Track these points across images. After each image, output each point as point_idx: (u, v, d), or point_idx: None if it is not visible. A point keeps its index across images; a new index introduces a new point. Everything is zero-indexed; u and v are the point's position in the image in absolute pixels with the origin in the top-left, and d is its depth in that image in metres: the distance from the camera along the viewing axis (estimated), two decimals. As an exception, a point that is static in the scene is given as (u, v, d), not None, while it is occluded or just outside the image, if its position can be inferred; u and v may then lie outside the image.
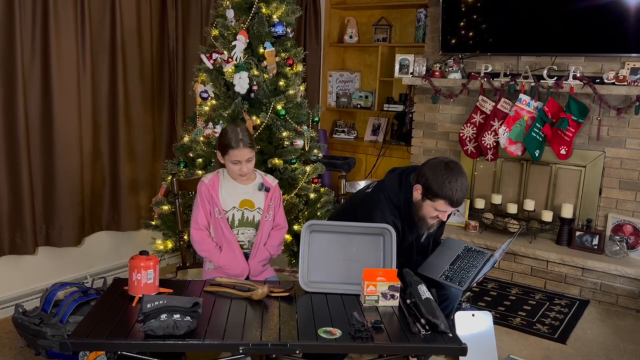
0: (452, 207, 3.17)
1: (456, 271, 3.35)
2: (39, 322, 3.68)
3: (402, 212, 3.33)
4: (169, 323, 2.39)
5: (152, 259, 2.80)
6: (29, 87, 4.30)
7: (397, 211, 3.32)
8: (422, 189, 3.19)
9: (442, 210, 3.19)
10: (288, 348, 2.44)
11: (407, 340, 2.50)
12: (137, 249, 3.11)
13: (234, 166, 3.32)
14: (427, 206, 3.20)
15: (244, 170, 3.33)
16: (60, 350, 2.44)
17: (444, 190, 3.11)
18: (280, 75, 4.54)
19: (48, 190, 4.52)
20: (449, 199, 3.13)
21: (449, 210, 3.20)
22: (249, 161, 3.34)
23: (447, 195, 3.11)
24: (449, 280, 3.28)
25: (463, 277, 3.30)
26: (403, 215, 3.33)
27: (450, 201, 3.13)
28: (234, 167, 3.32)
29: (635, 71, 5.00)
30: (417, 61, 6.18)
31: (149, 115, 5.22)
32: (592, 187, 5.44)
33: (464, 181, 3.16)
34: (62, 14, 4.40)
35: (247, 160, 3.32)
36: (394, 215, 3.30)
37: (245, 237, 3.44)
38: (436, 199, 3.15)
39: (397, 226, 3.26)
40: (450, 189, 3.10)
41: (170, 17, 5.26)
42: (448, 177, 3.12)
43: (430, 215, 3.23)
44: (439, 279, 3.28)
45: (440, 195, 3.12)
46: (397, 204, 3.33)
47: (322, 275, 2.98)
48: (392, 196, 3.35)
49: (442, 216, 3.25)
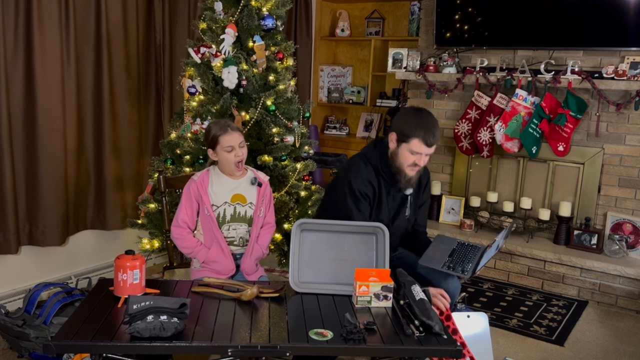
0: (426, 145, 3.23)
1: (456, 262, 3.35)
2: (21, 324, 3.66)
3: (380, 170, 3.40)
4: (155, 324, 2.37)
5: (139, 258, 2.78)
6: (11, 82, 4.28)
7: (374, 170, 3.39)
8: (396, 135, 3.30)
9: (418, 152, 3.25)
10: (278, 350, 2.41)
11: (401, 342, 2.48)
12: (122, 248, 3.08)
13: (228, 154, 3.31)
14: (403, 151, 3.28)
15: (240, 155, 3.33)
16: (43, 352, 2.49)
17: (417, 129, 3.22)
18: (270, 69, 4.53)
19: (31, 188, 4.50)
20: (422, 137, 3.21)
21: (424, 150, 3.25)
22: (242, 146, 3.35)
23: (420, 132, 3.21)
24: (451, 269, 3.28)
25: (465, 267, 3.30)
26: (381, 173, 3.40)
27: (424, 138, 3.21)
28: (229, 155, 3.31)
29: (634, 65, 4.98)
30: (410, 55, 6.19)
31: (135, 110, 5.21)
32: (590, 185, 5.41)
33: (434, 121, 3.29)
34: (45, 6, 4.37)
35: (239, 145, 3.33)
36: (369, 175, 3.38)
37: (236, 233, 3.41)
38: (410, 139, 3.23)
39: (374, 185, 3.37)
40: (421, 127, 3.22)
41: (157, 9, 5.25)
42: (419, 118, 3.27)
43: (408, 162, 3.29)
44: (442, 269, 3.28)
45: (413, 134, 3.22)
46: (374, 163, 3.41)
47: (313, 275, 2.96)
48: (368, 157, 3.44)
49: (419, 160, 3.28)
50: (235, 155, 3.31)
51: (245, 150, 3.37)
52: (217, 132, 3.31)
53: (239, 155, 3.32)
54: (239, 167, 3.36)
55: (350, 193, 3.33)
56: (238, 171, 3.37)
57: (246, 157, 3.40)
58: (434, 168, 6.22)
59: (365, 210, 3.34)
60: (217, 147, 3.32)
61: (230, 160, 3.32)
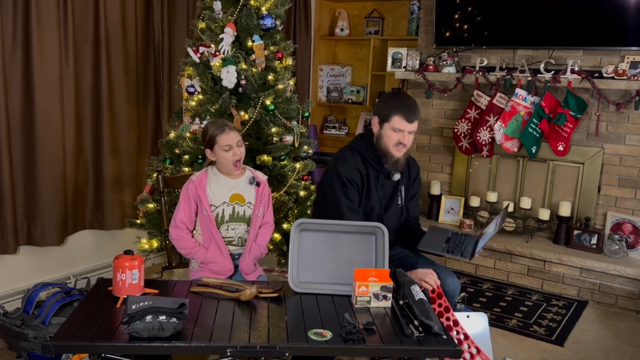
0: (407, 121, 3.31)
1: (454, 246, 3.40)
2: (20, 324, 3.66)
3: (367, 157, 3.46)
4: (154, 325, 2.36)
5: (137, 258, 2.77)
6: (9, 81, 4.26)
7: (362, 158, 3.46)
8: (378, 117, 3.40)
9: (400, 129, 3.32)
10: (277, 350, 2.40)
11: (400, 342, 2.47)
12: (121, 248, 3.09)
13: (227, 154, 3.31)
14: (387, 131, 3.35)
15: (238, 154, 3.33)
16: (42, 352, 2.40)
17: (396, 107, 3.33)
18: (269, 69, 4.51)
19: (29, 187, 4.48)
20: (403, 112, 3.30)
21: (406, 127, 3.32)
22: (240, 145, 3.35)
23: (399, 110, 3.31)
24: (450, 253, 3.33)
25: (464, 250, 3.35)
26: (368, 160, 3.46)
27: (405, 114, 3.30)
28: (228, 154, 3.31)
29: (634, 65, 4.97)
30: (410, 55, 6.18)
31: (134, 110, 5.20)
32: (590, 185, 5.40)
33: (412, 100, 3.43)
34: (44, 5, 4.36)
35: (237, 144, 3.33)
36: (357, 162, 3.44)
37: (235, 233, 3.40)
38: (391, 117, 3.32)
39: (361, 172, 3.42)
40: (401, 105, 3.34)
41: (156, 8, 5.24)
42: (397, 97, 3.45)
43: (392, 141, 3.35)
44: (442, 253, 3.33)
45: (393, 112, 3.31)
46: (360, 152, 3.47)
47: (312, 275, 2.95)
48: (355, 147, 3.52)
49: (403, 139, 3.34)
50: (234, 154, 3.30)
51: (243, 149, 3.36)
52: (214, 131, 3.31)
53: (237, 154, 3.31)
54: (237, 166, 3.35)
55: (337, 181, 3.38)
56: (236, 170, 3.36)
57: (244, 156, 3.39)
58: (433, 168, 6.22)
59: (353, 197, 3.37)
60: (215, 147, 3.31)
61: (228, 160, 3.31)
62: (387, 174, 3.48)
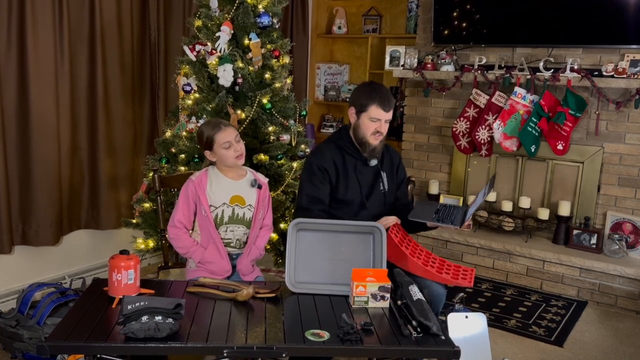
0: (383, 110, 3.38)
1: (444, 216, 3.44)
2: (15, 324, 3.66)
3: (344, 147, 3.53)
4: (150, 325, 2.34)
5: (133, 258, 2.76)
6: (4, 79, 4.27)
7: (337, 148, 3.54)
8: (354, 108, 3.48)
9: (377, 118, 3.39)
10: (274, 351, 2.39)
11: (398, 342, 2.46)
12: (117, 248, 3.05)
13: (227, 151, 3.29)
14: (364, 120, 3.43)
15: (239, 149, 3.31)
16: (37, 353, 2.40)
17: (372, 97, 3.39)
18: (266, 67, 4.52)
19: (24, 186, 4.48)
20: (378, 100, 3.37)
21: (382, 115, 3.39)
22: (238, 140, 3.34)
23: (375, 99, 3.37)
24: (440, 222, 3.39)
25: (454, 219, 3.40)
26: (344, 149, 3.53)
27: (380, 102, 3.37)
28: (228, 151, 3.29)
29: (634, 63, 4.96)
30: (408, 53, 6.15)
31: (130, 108, 5.19)
32: (590, 184, 5.39)
33: (387, 89, 3.49)
34: (39, 3, 4.36)
35: (235, 139, 3.32)
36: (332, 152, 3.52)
37: (234, 234, 3.38)
38: (368, 107, 3.39)
39: (336, 161, 3.49)
40: (376, 94, 3.39)
41: (152, 6, 5.24)
42: (371, 87, 3.47)
43: (370, 130, 3.42)
44: (432, 221, 3.40)
45: (369, 102, 3.38)
46: (337, 142, 3.56)
47: (309, 275, 2.94)
48: (332, 138, 3.63)
49: (380, 127, 3.42)
50: (235, 151, 3.28)
51: (242, 144, 3.35)
52: (210, 132, 3.29)
53: (238, 150, 3.29)
54: (240, 160, 3.33)
55: (306, 171, 3.47)
56: (240, 162, 3.34)
57: (244, 150, 3.37)
58: (431, 167, 6.20)
59: (319, 184, 3.42)
60: (215, 147, 3.29)
61: (230, 157, 3.29)
62: (365, 161, 3.53)
